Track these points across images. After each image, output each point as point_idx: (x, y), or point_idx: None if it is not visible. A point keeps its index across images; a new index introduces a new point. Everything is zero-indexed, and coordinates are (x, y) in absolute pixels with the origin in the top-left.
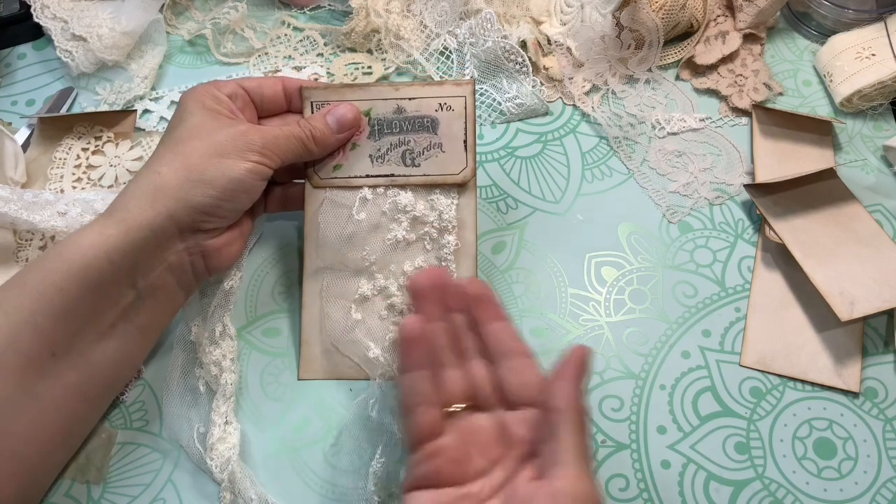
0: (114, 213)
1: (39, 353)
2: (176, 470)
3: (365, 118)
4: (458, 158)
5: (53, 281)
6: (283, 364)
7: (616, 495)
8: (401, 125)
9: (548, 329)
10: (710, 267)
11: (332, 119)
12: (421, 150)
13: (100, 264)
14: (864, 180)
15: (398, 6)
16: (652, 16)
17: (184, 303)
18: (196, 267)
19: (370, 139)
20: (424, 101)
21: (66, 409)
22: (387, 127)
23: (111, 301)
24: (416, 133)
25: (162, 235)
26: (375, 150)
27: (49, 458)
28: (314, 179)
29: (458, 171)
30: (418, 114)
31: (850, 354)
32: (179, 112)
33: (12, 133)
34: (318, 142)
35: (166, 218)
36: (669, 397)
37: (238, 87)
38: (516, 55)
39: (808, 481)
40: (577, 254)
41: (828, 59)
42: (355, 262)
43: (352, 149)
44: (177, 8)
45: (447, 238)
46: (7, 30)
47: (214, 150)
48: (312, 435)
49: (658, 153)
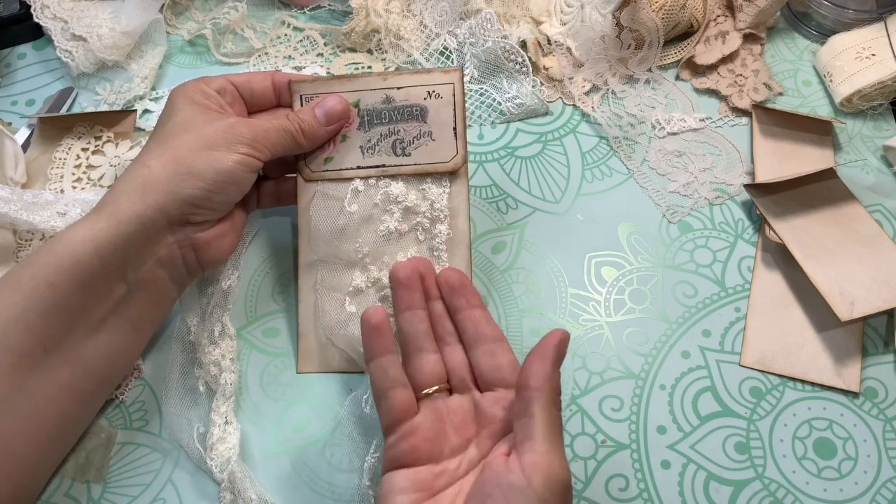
0: (103, 208)
1: (31, 350)
2: (176, 470)
3: (354, 109)
4: (448, 146)
5: (44, 276)
6: (283, 364)
7: (616, 495)
8: (390, 115)
9: (548, 329)
10: (710, 267)
11: (320, 111)
12: (411, 140)
13: (90, 258)
14: (864, 180)
15: (398, 6)
16: (652, 16)
17: (177, 297)
18: (188, 261)
19: (360, 130)
20: (413, 90)
21: (60, 407)
22: (376, 117)
23: (102, 295)
24: (406, 122)
25: (152, 228)
26: (366, 141)
27: (44, 456)
28: (305, 172)
29: (449, 159)
30: (407, 103)
31: (850, 354)
32: (168, 107)
33: (12, 133)
34: (306, 134)
35: (156, 210)
36: (669, 397)
37: (227, 82)
38: (516, 55)
39: (808, 481)
40: (577, 254)
41: (828, 59)
42: (348, 254)
43: (342, 141)
44: (177, 8)
45: (439, 228)
46: (7, 30)
47: (203, 143)
48: (312, 435)
49: (658, 153)
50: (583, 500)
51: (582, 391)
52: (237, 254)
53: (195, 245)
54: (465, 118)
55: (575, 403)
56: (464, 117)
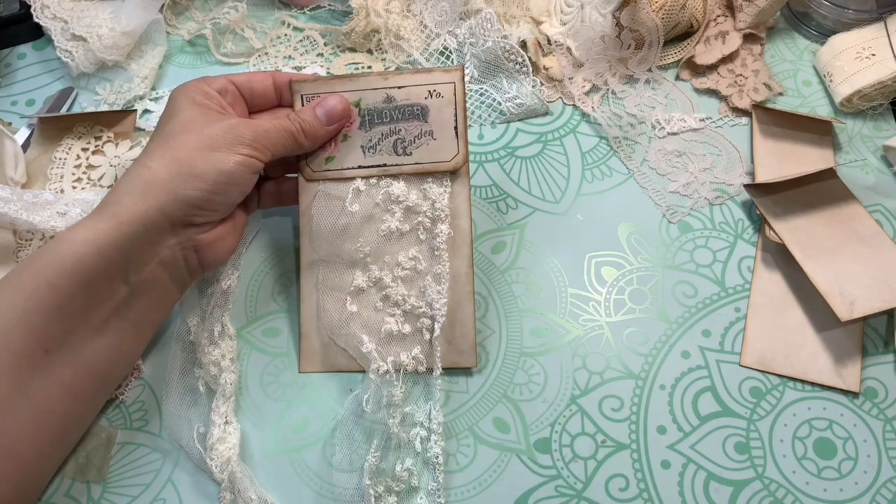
0: (105, 208)
1: (33, 351)
2: (176, 470)
3: (355, 109)
4: (449, 145)
5: (46, 277)
6: (283, 364)
7: (616, 495)
8: (391, 114)
9: (548, 329)
10: (710, 267)
11: (321, 111)
12: (412, 139)
13: (92, 259)
14: (864, 180)
15: (398, 6)
16: (652, 16)
17: (178, 298)
18: (189, 262)
19: (361, 129)
20: (414, 90)
21: (61, 407)
22: (377, 117)
23: (104, 297)
24: (407, 121)
25: (154, 230)
26: (367, 141)
27: (45, 456)
28: (306, 172)
29: (450, 158)
30: (408, 102)
31: (850, 354)
32: (169, 108)
33: (12, 133)
34: (308, 134)
35: (157, 212)
36: (669, 397)
37: (228, 82)
38: (516, 55)
39: (808, 481)
40: (577, 254)
41: (828, 59)
42: (349, 253)
43: (343, 140)
44: (177, 8)
45: (440, 227)
46: (7, 30)
47: (204, 144)
48: (312, 435)
49: (658, 153)
50: (583, 500)
51: (582, 391)
52: (237, 254)
53: (197, 246)
54: (466, 117)
55: (575, 403)
56: (465, 117)
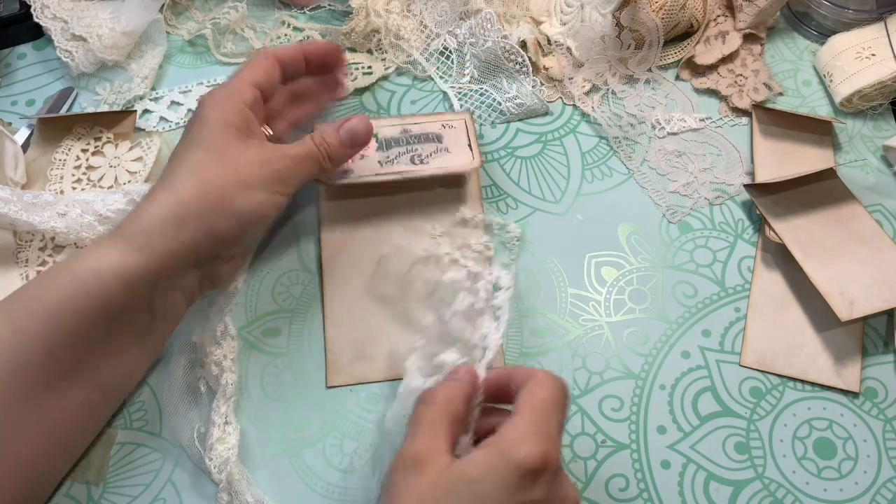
0: (135, 238)
1: (49, 373)
2: (176, 470)
3: (373, 139)
4: (464, 154)
5: (69, 305)
6: (283, 364)
7: (616, 495)
8: (408, 140)
9: (548, 329)
10: (710, 267)
11: (344, 133)
12: (428, 153)
13: (120, 294)
14: (864, 180)
15: (398, 6)
16: (652, 16)
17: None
18: (203, 285)
19: (379, 151)
20: (428, 125)
21: (73, 423)
22: (395, 143)
23: (127, 327)
24: (423, 143)
25: (183, 264)
26: (385, 158)
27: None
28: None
29: (466, 163)
30: (423, 131)
31: (850, 354)
32: (199, 124)
33: (12, 133)
34: (332, 158)
35: (191, 249)
36: (669, 397)
37: (256, 91)
38: (516, 55)
39: (808, 481)
40: (577, 254)
41: (828, 59)
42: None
43: (360, 158)
44: (177, 8)
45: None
46: (7, 30)
47: (238, 179)
48: (312, 435)
49: (658, 153)
50: (583, 500)
51: (582, 391)
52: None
53: (214, 276)
54: (478, 141)
55: (575, 403)
56: (476, 138)
